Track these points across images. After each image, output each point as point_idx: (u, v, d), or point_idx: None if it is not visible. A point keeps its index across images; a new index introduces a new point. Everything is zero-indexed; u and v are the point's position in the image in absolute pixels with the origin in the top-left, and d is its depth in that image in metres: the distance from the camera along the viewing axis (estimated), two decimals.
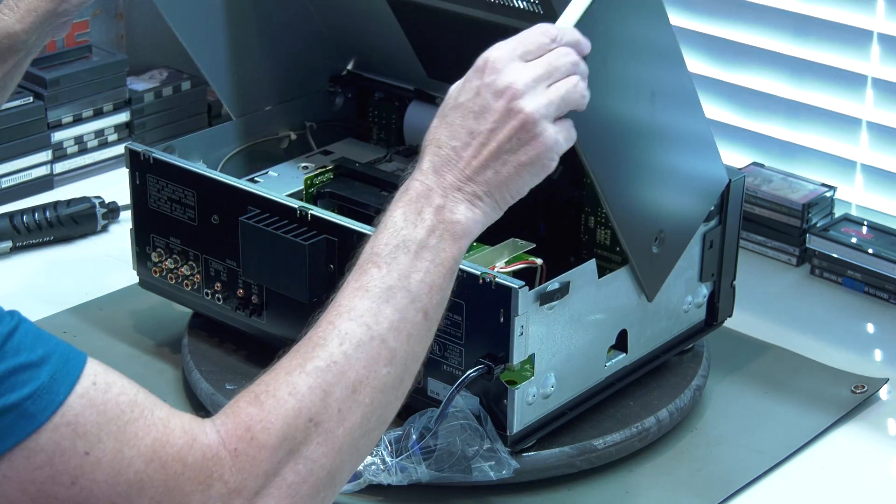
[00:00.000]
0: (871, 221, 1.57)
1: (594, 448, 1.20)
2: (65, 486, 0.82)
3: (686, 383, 1.28)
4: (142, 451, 0.83)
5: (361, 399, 0.90)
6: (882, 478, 1.24)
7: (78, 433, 0.81)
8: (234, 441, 0.86)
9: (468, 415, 1.13)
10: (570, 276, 1.15)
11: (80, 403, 0.82)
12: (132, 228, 1.36)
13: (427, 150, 0.97)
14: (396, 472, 1.12)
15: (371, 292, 0.92)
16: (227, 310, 1.29)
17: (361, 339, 0.90)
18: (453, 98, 0.97)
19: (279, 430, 0.86)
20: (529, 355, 1.13)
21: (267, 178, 1.37)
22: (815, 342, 1.43)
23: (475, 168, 0.96)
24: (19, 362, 0.80)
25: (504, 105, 0.95)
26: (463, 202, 0.95)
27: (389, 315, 0.92)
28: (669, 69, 1.16)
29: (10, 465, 0.81)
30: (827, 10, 1.59)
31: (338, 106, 1.52)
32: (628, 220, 1.17)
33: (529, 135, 0.96)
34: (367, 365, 0.90)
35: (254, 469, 0.85)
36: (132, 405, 0.84)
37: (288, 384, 0.88)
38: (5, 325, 0.80)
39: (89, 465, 0.82)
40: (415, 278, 0.93)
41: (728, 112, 1.71)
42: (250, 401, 0.88)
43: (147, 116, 1.81)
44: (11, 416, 0.80)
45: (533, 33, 0.98)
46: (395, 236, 0.94)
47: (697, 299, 1.31)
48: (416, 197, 0.95)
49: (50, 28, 1.28)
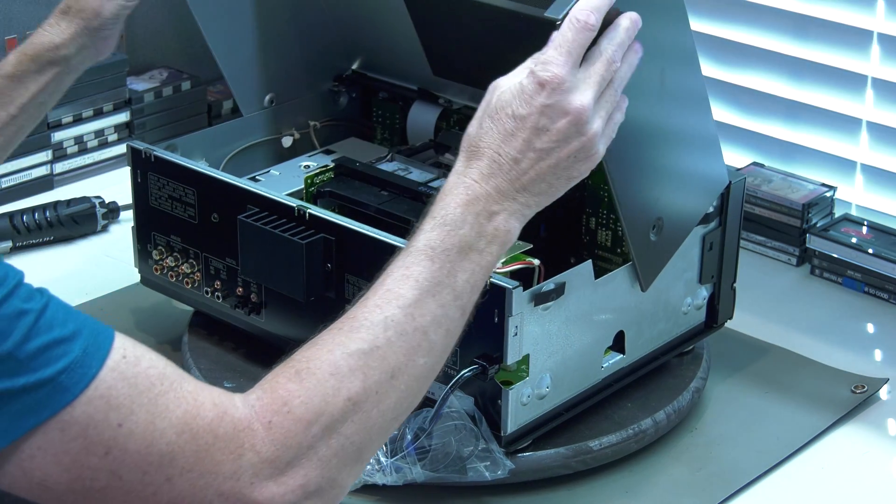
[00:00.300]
0: (871, 221, 1.57)
1: (590, 449, 1.19)
2: (98, 457, 0.84)
3: (685, 385, 1.28)
4: (173, 423, 0.86)
5: (398, 385, 0.93)
6: (882, 478, 1.24)
7: (111, 405, 0.84)
8: (270, 414, 0.88)
9: (463, 415, 1.13)
10: (565, 276, 1.15)
11: (112, 376, 0.84)
12: (134, 226, 1.36)
13: (483, 154, 0.99)
14: (391, 472, 1.12)
15: (420, 284, 0.95)
16: (226, 308, 1.30)
17: (405, 329, 0.94)
18: (510, 107, 0.98)
19: (317, 405, 0.89)
20: (524, 356, 1.13)
21: (268, 177, 1.38)
22: (815, 342, 1.43)
23: (531, 179, 0.99)
24: (53, 337, 0.82)
25: (568, 126, 0.98)
26: (515, 212, 0.99)
27: (434, 309, 0.95)
28: (685, 67, 1.16)
29: (45, 437, 0.83)
30: (827, 10, 1.59)
31: (342, 105, 1.52)
32: (630, 201, 1.16)
33: (587, 153, 1.00)
34: (406, 353, 0.93)
35: (287, 441, 0.88)
36: (162, 378, 0.86)
37: (330, 363, 0.91)
38: (37, 302, 0.82)
39: (122, 437, 0.84)
40: (461, 278, 0.96)
41: (728, 112, 1.71)
42: (290, 377, 0.90)
43: (147, 116, 1.81)
44: (46, 390, 0.81)
45: (573, 33, 0.98)
46: (451, 235, 0.97)
47: (697, 301, 1.30)
48: (473, 199, 0.98)
49: (92, 46, 1.30)
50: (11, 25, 1.73)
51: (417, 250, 0.96)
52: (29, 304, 0.82)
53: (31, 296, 0.82)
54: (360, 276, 1.18)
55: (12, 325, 0.80)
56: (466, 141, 1.00)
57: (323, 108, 1.50)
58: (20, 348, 0.80)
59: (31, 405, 0.82)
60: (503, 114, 0.98)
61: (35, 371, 0.81)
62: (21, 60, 1.28)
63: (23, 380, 0.81)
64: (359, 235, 1.18)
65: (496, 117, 0.99)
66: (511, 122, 0.98)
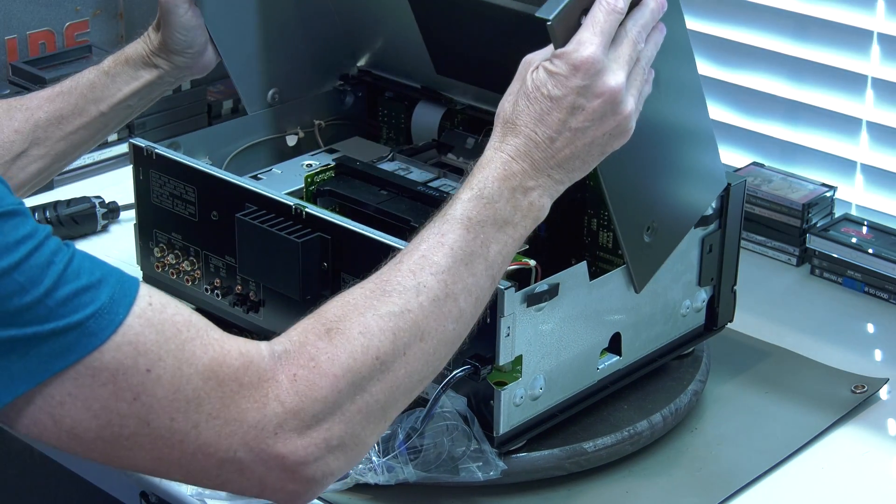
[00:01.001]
0: (871, 221, 1.57)
1: (584, 451, 1.19)
2: (127, 402, 0.86)
3: (683, 387, 1.28)
4: (200, 370, 0.88)
5: (426, 348, 0.96)
6: (882, 478, 1.24)
7: (139, 351, 0.86)
8: (296, 367, 0.90)
9: (455, 415, 1.13)
10: (559, 277, 1.15)
11: (140, 323, 0.86)
12: (136, 224, 1.36)
13: (520, 132, 1.01)
14: (383, 471, 1.12)
15: (455, 253, 0.97)
16: (225, 306, 1.30)
17: (438, 296, 0.96)
18: (545, 87, 1.01)
19: (345, 362, 0.91)
20: (517, 356, 1.13)
21: (270, 176, 1.38)
22: (815, 342, 1.43)
23: (566, 157, 1.02)
24: (81, 284, 0.85)
25: (603, 105, 1.01)
26: (549, 188, 1.02)
27: (466, 278, 0.98)
28: (679, 63, 1.16)
29: (76, 383, 0.85)
30: (827, 10, 1.59)
31: (347, 105, 1.52)
32: (622, 202, 1.16)
33: (621, 130, 1.03)
34: (437, 318, 0.96)
35: (313, 394, 0.90)
36: (188, 325, 0.89)
37: (360, 324, 0.93)
38: (64, 254, 0.85)
39: (150, 382, 0.86)
40: (494, 249, 0.99)
41: (728, 112, 1.71)
42: (320, 335, 0.92)
43: (147, 116, 1.80)
44: (75, 334, 0.84)
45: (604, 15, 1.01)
46: (488, 208, 0.99)
47: (696, 304, 1.30)
48: (510, 174, 1.00)
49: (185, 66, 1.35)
50: (11, 25, 1.73)
51: (454, 219, 0.99)
52: (57, 255, 0.85)
53: (59, 248, 0.85)
54: (356, 275, 1.18)
55: (42, 273, 0.83)
56: (502, 117, 1.02)
57: (328, 107, 1.50)
58: (50, 296, 0.83)
59: (60, 349, 0.84)
60: (538, 94, 1.01)
61: (64, 317, 0.84)
62: (118, 62, 1.32)
63: (52, 325, 0.83)
64: (355, 235, 1.18)
65: (532, 97, 1.01)
66: (547, 102, 1.00)
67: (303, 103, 1.49)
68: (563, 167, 1.02)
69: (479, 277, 0.99)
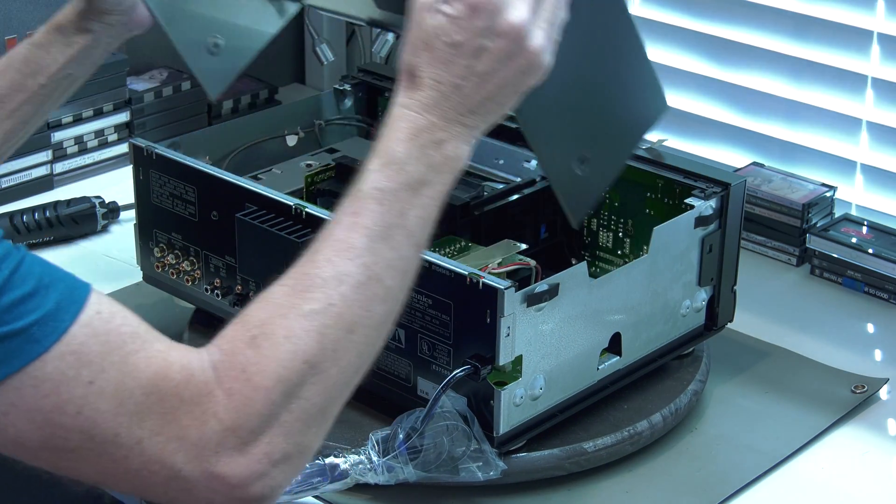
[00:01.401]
0: (871, 221, 1.57)
1: (584, 451, 1.19)
2: (70, 416, 0.84)
3: (683, 387, 1.27)
4: (142, 384, 0.85)
5: (356, 339, 0.91)
6: (882, 478, 1.24)
7: (82, 362, 0.84)
8: (230, 381, 0.87)
9: (455, 415, 1.13)
10: (559, 277, 1.15)
11: (84, 332, 0.84)
12: (136, 224, 1.36)
13: (423, 83, 0.94)
14: (383, 471, 1.12)
15: (371, 231, 0.91)
16: (225, 305, 1.30)
17: (360, 281, 0.91)
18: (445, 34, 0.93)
19: (274, 372, 0.88)
20: (517, 356, 1.13)
21: (270, 176, 1.38)
22: (815, 342, 1.43)
23: (477, 102, 0.94)
24: (26, 291, 0.83)
25: (508, 44, 0.93)
26: (463, 135, 0.95)
27: (387, 254, 0.92)
28: None
29: (19, 393, 0.83)
30: (827, 10, 1.59)
31: (347, 105, 1.52)
32: (545, 137, 1.08)
33: (533, 65, 0.95)
34: (363, 305, 0.91)
35: (248, 409, 0.87)
36: (134, 336, 0.87)
37: (284, 327, 0.89)
38: (12, 259, 0.83)
39: (93, 395, 0.84)
40: (412, 214, 0.93)
41: (728, 112, 1.71)
42: (247, 342, 0.89)
43: (147, 116, 1.81)
44: (18, 341, 0.82)
45: None
46: (399, 173, 0.92)
47: (696, 304, 1.30)
48: (417, 131, 0.93)
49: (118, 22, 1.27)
50: (11, 25, 1.73)
51: (365, 194, 0.92)
52: (5, 260, 0.83)
53: (7, 253, 0.83)
54: None
55: None
56: (403, 68, 0.95)
57: (328, 107, 1.50)
58: None
59: (3, 355, 0.82)
60: (438, 42, 0.93)
61: (7, 323, 0.82)
62: (49, 31, 1.26)
63: None
64: None
65: (432, 46, 0.93)
66: (450, 50, 0.93)
67: (303, 104, 1.48)
68: (475, 113, 0.94)
69: (402, 249, 0.92)
